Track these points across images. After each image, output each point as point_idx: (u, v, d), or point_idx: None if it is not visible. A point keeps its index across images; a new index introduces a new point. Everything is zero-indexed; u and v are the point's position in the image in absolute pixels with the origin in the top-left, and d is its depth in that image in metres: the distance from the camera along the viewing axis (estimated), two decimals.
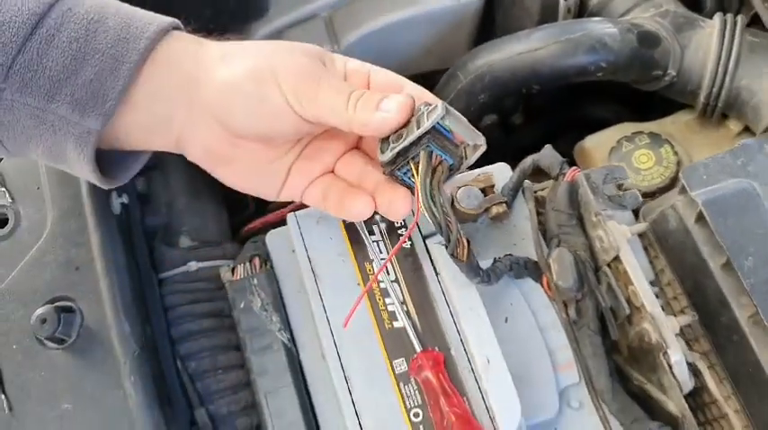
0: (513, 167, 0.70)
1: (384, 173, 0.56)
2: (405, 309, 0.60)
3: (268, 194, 0.61)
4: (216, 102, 0.54)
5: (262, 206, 0.86)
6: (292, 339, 0.63)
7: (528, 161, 0.68)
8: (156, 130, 0.56)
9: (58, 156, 0.55)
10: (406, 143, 0.52)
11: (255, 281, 0.64)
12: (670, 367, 0.57)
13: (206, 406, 0.64)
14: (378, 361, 0.59)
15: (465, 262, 0.55)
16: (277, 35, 0.90)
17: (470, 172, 0.69)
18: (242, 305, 0.63)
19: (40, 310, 0.62)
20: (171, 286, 0.70)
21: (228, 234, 0.80)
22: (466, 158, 0.54)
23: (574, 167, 0.65)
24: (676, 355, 0.57)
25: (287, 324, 0.63)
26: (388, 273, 0.62)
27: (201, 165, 0.59)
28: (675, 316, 0.61)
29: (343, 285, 0.62)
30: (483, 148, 0.54)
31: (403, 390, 0.58)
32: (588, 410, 0.60)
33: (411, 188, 0.56)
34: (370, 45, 0.90)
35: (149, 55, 0.53)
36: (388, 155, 0.53)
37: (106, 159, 0.57)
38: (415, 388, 0.57)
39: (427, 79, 1.01)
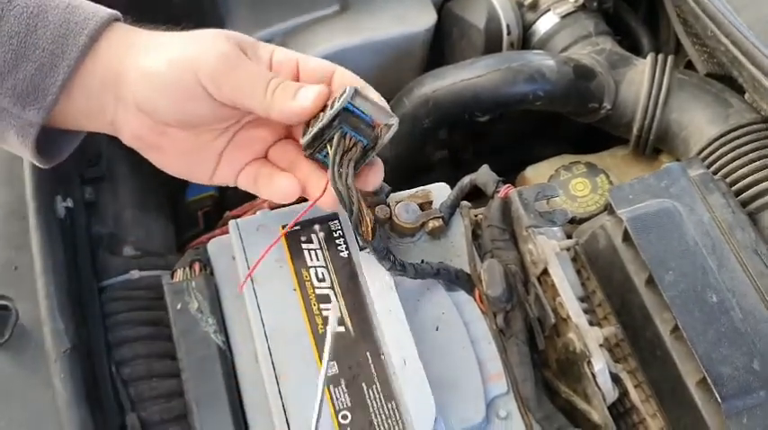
0: None
1: (306, 156, 0.58)
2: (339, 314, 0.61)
3: (200, 179, 0.62)
4: (137, 91, 0.55)
5: (211, 224, 0.87)
6: (227, 343, 0.63)
7: (466, 180, 0.70)
8: (90, 117, 0.58)
9: (1, 139, 0.57)
10: (320, 125, 0.55)
11: (193, 283, 0.64)
12: (593, 376, 0.59)
13: (138, 412, 0.63)
14: (309, 364, 0.59)
15: (371, 240, 0.58)
16: None
17: (409, 190, 0.71)
18: (178, 306, 0.64)
19: None
20: (112, 293, 0.70)
21: (173, 248, 0.81)
22: (380, 138, 0.56)
23: (507, 185, 0.67)
24: (599, 364, 0.59)
25: (223, 327, 0.64)
26: (324, 280, 0.63)
27: (135, 148, 0.60)
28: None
29: (280, 290, 0.62)
30: (395, 127, 0.57)
31: (333, 392, 0.58)
32: (515, 420, 0.60)
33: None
34: None
35: (89, 51, 0.54)
36: (306, 138, 0.56)
37: (45, 138, 0.58)
38: (345, 390, 0.58)
39: None
